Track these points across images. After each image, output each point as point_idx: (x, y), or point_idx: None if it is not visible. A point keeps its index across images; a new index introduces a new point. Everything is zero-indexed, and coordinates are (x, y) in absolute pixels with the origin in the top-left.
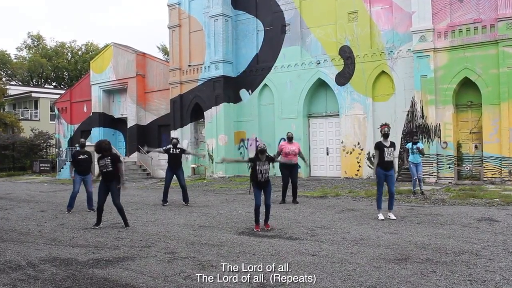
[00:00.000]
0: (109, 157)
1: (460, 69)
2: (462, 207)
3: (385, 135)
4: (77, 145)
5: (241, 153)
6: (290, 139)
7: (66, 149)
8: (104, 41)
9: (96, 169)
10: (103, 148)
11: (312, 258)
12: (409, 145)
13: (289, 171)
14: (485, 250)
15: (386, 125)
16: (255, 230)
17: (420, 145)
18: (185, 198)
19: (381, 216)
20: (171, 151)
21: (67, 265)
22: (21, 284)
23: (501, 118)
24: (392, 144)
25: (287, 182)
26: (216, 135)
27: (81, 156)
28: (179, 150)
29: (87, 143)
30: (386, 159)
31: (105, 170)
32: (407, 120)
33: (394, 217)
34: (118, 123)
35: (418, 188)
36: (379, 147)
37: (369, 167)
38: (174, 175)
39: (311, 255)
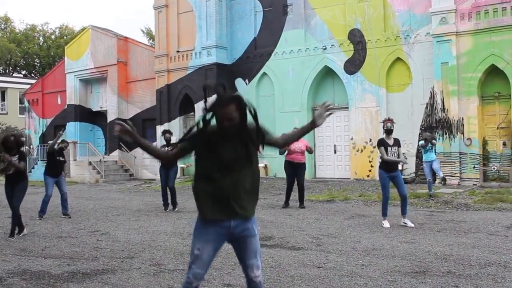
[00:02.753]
0: (17, 155)
1: (486, 55)
2: (488, 212)
3: (388, 131)
4: (49, 142)
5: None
6: None
7: (38, 146)
8: (81, 23)
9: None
10: (20, 143)
11: (317, 270)
12: (422, 143)
13: (294, 170)
14: None
15: (389, 120)
16: None
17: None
18: (174, 202)
19: (386, 224)
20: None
21: (39, 279)
22: None
23: None
24: (396, 142)
25: (292, 182)
26: None
27: (59, 158)
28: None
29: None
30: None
31: (11, 171)
32: (425, 113)
33: (412, 224)
34: (96, 117)
35: (440, 179)
36: (382, 144)
37: None
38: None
39: (317, 267)
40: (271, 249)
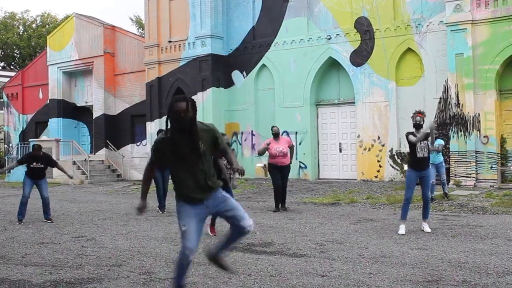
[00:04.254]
0: None
1: (504, 46)
2: (507, 216)
3: (416, 126)
4: (30, 139)
5: (233, 149)
6: (276, 135)
7: (17, 145)
8: (64, 11)
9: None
10: None
11: (321, 279)
12: (440, 142)
13: (279, 172)
14: None
15: (419, 113)
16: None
17: (439, 141)
18: (162, 204)
19: (401, 230)
20: None
21: None
22: None
23: None
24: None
25: (278, 185)
26: None
27: (36, 164)
28: None
29: (43, 137)
30: (418, 155)
31: None
32: (439, 109)
33: (429, 230)
34: (81, 113)
35: (442, 191)
36: (411, 134)
37: (392, 166)
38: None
39: (320, 276)
40: (271, 256)
